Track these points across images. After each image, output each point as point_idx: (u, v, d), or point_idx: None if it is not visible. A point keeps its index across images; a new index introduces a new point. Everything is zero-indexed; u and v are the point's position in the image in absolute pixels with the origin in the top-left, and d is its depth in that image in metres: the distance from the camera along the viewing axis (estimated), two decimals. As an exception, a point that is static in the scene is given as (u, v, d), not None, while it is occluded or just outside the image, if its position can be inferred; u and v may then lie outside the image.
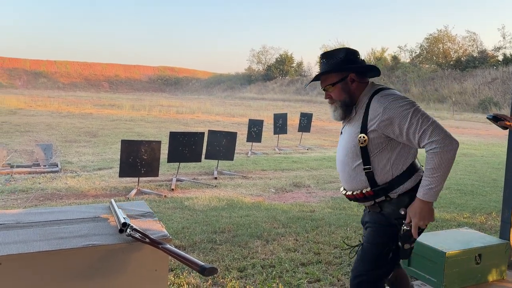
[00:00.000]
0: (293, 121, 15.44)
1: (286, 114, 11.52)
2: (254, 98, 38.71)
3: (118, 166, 7.92)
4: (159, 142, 6.27)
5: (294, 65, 49.65)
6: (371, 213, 2.06)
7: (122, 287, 1.76)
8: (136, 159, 6.04)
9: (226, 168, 8.02)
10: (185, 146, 6.80)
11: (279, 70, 48.18)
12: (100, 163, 8.21)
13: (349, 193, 2.05)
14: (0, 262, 1.57)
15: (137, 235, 1.74)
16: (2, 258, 1.57)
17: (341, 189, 2.15)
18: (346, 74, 1.99)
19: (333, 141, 13.29)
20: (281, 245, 3.95)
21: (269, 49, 51.78)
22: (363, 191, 1.97)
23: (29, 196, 5.61)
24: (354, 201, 2.06)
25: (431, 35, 40.90)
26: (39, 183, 6.34)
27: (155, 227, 1.91)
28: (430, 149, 1.79)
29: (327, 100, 2.06)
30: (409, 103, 1.87)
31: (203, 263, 1.59)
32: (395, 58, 41.08)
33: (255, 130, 9.81)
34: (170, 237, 1.86)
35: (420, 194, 1.83)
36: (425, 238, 3.21)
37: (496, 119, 2.42)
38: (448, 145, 1.77)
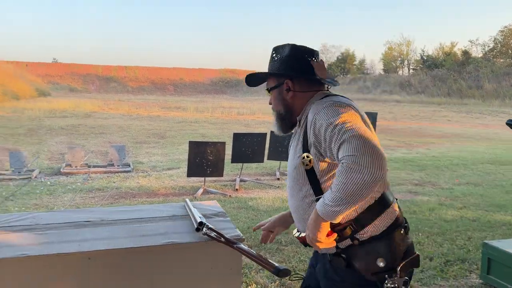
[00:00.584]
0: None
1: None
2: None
3: (186, 166, 8.22)
4: (223, 143, 6.42)
5: (356, 63, 48.54)
6: (333, 268, 1.50)
7: (199, 284, 1.82)
8: (203, 159, 6.23)
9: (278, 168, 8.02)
10: (248, 146, 6.90)
11: (340, 68, 47.34)
12: (169, 163, 8.56)
13: (303, 234, 1.46)
14: (89, 257, 1.69)
15: (213, 234, 1.79)
16: (92, 253, 1.69)
17: (294, 231, 1.59)
18: (282, 80, 1.60)
19: (399, 141, 12.82)
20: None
21: (329, 47, 51.04)
22: None
23: (105, 195, 5.98)
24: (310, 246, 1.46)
25: (506, 27, 38.12)
26: (114, 182, 6.74)
27: (228, 227, 1.96)
28: (342, 163, 1.29)
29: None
30: (342, 108, 1.41)
31: (278, 264, 1.60)
32: (465, 53, 38.76)
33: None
34: (243, 237, 1.89)
35: (318, 204, 1.37)
36: (505, 245, 3.00)
37: None
38: (363, 167, 1.24)
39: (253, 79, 1.70)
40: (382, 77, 44.45)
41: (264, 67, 1.71)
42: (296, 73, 1.58)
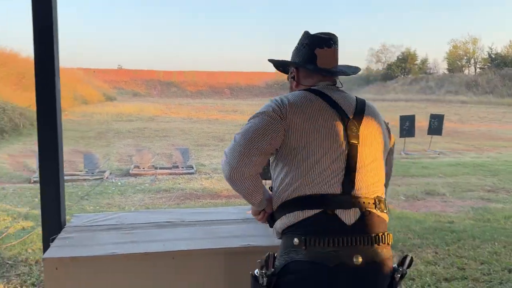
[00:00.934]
0: (420, 123, 14.47)
1: (413, 116, 10.85)
2: (373, 99, 37.27)
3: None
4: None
5: (417, 62, 46.58)
6: None
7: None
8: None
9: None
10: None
11: (401, 68, 45.65)
12: (229, 166, 8.72)
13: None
14: (173, 257, 1.76)
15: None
16: (175, 253, 1.77)
17: None
18: (291, 68, 1.60)
19: (468, 144, 12.12)
20: (419, 257, 3.73)
21: (389, 47, 49.36)
22: None
23: (171, 195, 6.21)
24: None
25: None
26: (179, 184, 6.98)
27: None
28: None
29: None
30: (264, 107, 1.43)
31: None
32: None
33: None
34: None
35: None
36: None
37: None
38: (224, 169, 1.44)
39: (277, 65, 1.68)
40: (446, 77, 42.26)
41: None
42: (299, 62, 1.53)
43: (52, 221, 2.07)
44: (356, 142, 1.39)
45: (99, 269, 1.70)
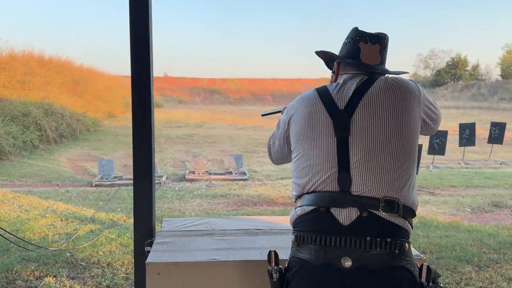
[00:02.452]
0: (476, 131, 13.84)
1: (474, 124, 10.37)
2: (422, 107, 36.09)
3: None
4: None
5: (468, 68, 44.75)
6: None
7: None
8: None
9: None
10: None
11: (450, 74, 44.02)
12: (281, 173, 8.67)
13: None
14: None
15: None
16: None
17: None
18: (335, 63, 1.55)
19: (531, 154, 11.44)
20: (499, 273, 3.51)
21: (438, 52, 47.76)
22: None
23: (228, 201, 6.24)
24: None
25: None
26: (234, 190, 7.01)
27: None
28: None
29: None
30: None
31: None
32: None
33: (437, 142, 9.11)
34: (424, 257, 1.79)
35: None
36: None
37: None
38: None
39: (325, 60, 1.60)
40: (499, 83, 40.31)
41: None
42: (341, 55, 1.47)
43: (145, 224, 2.10)
44: (345, 134, 1.28)
45: (200, 275, 1.69)
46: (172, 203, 6.09)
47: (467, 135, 9.95)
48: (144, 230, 2.10)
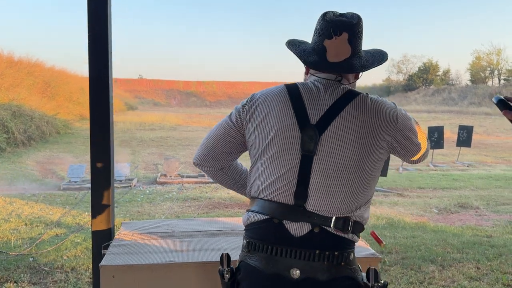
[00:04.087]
0: (445, 134, 14.24)
1: (442, 127, 10.66)
2: (395, 111, 36.80)
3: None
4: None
5: (439, 73, 45.99)
6: None
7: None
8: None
9: (378, 184, 7.73)
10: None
11: (422, 79, 45.14)
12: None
13: None
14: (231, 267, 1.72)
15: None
16: (232, 263, 1.72)
17: None
18: None
19: (496, 157, 11.83)
20: (461, 272, 3.60)
21: (410, 57, 48.92)
22: None
23: (200, 204, 6.20)
24: None
25: None
26: (206, 193, 6.97)
27: (361, 245, 1.90)
28: None
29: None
30: None
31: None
32: None
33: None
34: (380, 256, 1.82)
35: None
36: None
37: (503, 103, 1.32)
38: None
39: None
40: (469, 88, 41.59)
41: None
42: (307, 52, 1.35)
43: (103, 228, 2.06)
44: (311, 152, 1.25)
45: (157, 277, 1.67)
46: (141, 207, 6.00)
47: (436, 138, 10.21)
48: (103, 233, 2.06)
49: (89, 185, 6.87)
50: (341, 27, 1.28)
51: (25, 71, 18.45)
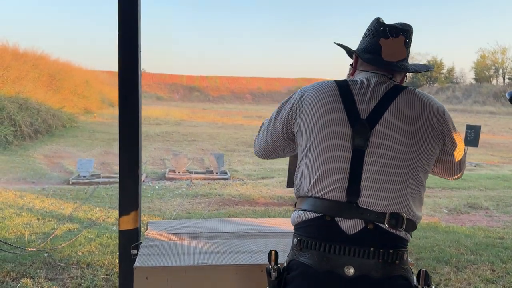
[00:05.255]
0: (451, 134, 14.19)
1: (479, 126, 10.59)
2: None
3: (279, 175, 8.23)
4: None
5: (444, 71, 45.84)
6: None
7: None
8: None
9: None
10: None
11: (426, 77, 45.00)
12: (262, 173, 8.68)
13: None
14: (262, 270, 1.71)
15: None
16: (263, 266, 1.72)
17: None
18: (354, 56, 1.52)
19: (504, 157, 11.80)
20: (476, 274, 3.60)
21: (415, 55, 48.74)
22: None
23: (210, 201, 6.20)
24: None
25: None
26: (215, 189, 6.97)
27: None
28: None
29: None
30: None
31: None
32: None
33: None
34: (412, 262, 1.81)
35: None
36: None
37: None
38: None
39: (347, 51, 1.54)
40: (473, 87, 41.47)
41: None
42: (359, 50, 1.40)
43: (130, 227, 2.06)
44: (363, 147, 1.24)
45: (190, 279, 1.67)
46: (152, 203, 6.01)
47: (472, 136, 10.13)
48: (130, 232, 2.06)
49: (98, 179, 6.87)
50: (398, 30, 1.33)
51: (31, 64, 18.42)
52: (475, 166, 10.19)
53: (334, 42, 1.46)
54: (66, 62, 24.16)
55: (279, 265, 1.35)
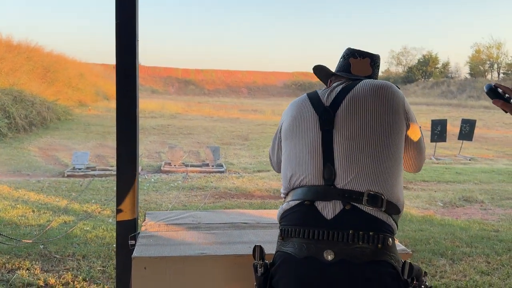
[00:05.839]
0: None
1: (445, 120, 10.67)
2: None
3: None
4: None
5: (439, 66, 45.93)
6: None
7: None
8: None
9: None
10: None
11: (422, 71, 45.07)
12: (258, 166, 8.68)
13: None
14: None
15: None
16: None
17: None
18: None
19: (498, 151, 11.88)
20: (472, 266, 3.62)
21: (410, 49, 48.83)
22: None
23: (206, 194, 6.19)
24: None
25: None
26: (211, 182, 6.96)
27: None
28: None
29: None
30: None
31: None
32: None
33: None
34: (410, 252, 1.82)
35: None
36: None
37: (494, 93, 1.29)
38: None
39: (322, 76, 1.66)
40: (468, 82, 41.61)
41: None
42: (334, 71, 1.56)
43: (128, 218, 2.04)
44: (330, 128, 1.31)
45: (189, 269, 1.66)
46: (148, 195, 5.99)
47: (439, 131, 10.21)
48: (127, 223, 2.04)
49: (93, 172, 6.85)
50: (364, 53, 1.53)
51: (24, 56, 18.26)
52: (470, 160, 10.25)
53: (313, 68, 1.61)
54: (60, 54, 23.99)
55: (266, 261, 1.34)
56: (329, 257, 1.20)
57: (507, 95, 1.31)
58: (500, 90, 1.32)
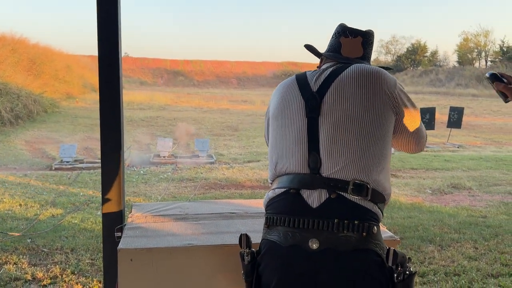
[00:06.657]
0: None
1: (434, 108, 10.74)
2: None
3: (265, 159, 8.24)
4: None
5: (427, 54, 46.13)
6: None
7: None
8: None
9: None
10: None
11: (410, 60, 45.24)
12: (248, 156, 8.66)
13: None
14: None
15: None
16: (252, 245, 1.70)
17: None
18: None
19: (486, 138, 12.01)
20: (460, 252, 3.66)
21: (399, 38, 48.96)
22: None
23: (196, 185, 6.16)
24: None
25: None
26: (201, 173, 6.93)
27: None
28: None
29: None
30: None
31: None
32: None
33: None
34: (398, 239, 1.82)
35: None
36: None
37: (495, 76, 1.33)
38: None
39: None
40: (456, 70, 41.88)
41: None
42: (325, 51, 1.50)
43: (114, 210, 2.01)
44: (316, 115, 1.28)
45: (176, 260, 1.64)
46: (137, 187, 5.95)
47: (427, 119, 10.27)
48: (114, 215, 2.01)
49: (81, 165, 6.77)
50: (356, 32, 1.46)
51: (9, 48, 17.92)
52: (458, 147, 10.35)
53: (304, 45, 1.55)
54: (46, 46, 23.56)
55: (253, 249, 1.33)
56: (314, 245, 1.19)
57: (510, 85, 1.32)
58: (504, 80, 1.33)
